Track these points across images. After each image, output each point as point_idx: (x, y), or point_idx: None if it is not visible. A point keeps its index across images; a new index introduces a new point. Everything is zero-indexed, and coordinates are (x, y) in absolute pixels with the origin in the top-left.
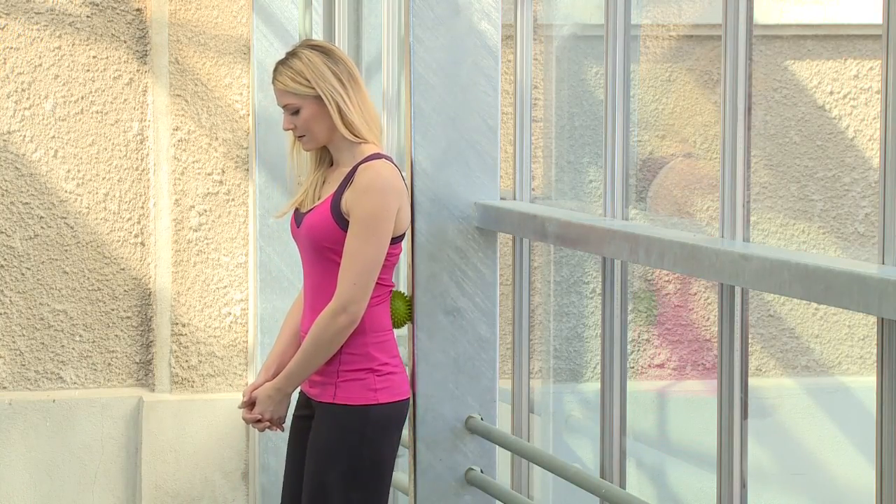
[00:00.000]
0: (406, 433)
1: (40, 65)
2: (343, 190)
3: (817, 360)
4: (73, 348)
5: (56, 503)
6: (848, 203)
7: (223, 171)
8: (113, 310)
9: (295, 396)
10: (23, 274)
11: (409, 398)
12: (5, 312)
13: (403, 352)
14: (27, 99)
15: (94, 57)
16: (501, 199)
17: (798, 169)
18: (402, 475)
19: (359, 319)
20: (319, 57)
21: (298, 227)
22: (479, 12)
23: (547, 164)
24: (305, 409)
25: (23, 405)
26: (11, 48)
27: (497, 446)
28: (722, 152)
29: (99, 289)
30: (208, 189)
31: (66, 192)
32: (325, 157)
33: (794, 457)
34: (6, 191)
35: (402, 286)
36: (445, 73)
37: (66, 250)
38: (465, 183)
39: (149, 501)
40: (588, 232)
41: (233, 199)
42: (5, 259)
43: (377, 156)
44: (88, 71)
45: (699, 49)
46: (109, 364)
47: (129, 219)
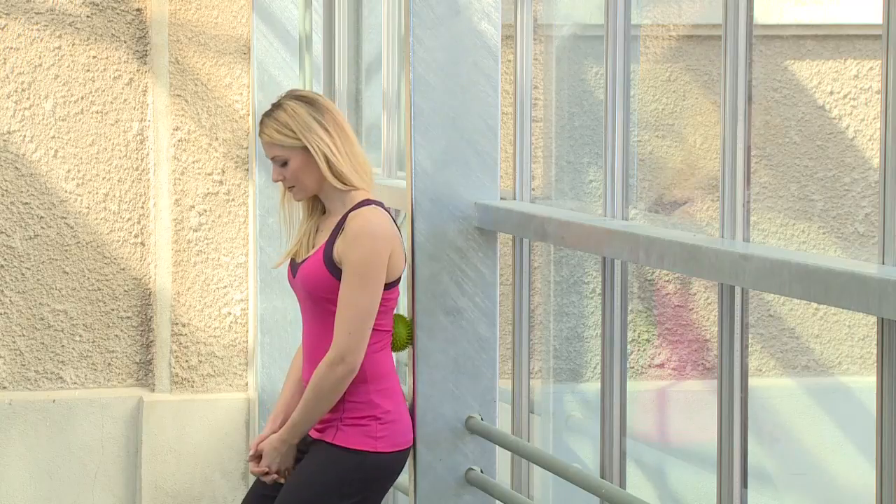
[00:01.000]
0: (406, 481)
1: (40, 65)
2: (334, 239)
3: (817, 360)
4: (73, 348)
5: (56, 503)
6: (848, 203)
7: (223, 171)
8: (113, 310)
9: None
10: (23, 274)
11: (410, 447)
12: (5, 312)
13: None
14: (27, 99)
15: (94, 57)
16: (501, 199)
17: (798, 169)
18: (402, 475)
19: (357, 368)
20: (304, 108)
21: (294, 277)
22: (479, 12)
23: (547, 164)
24: (301, 443)
25: (23, 405)
26: (11, 48)
27: (497, 446)
28: (722, 152)
29: (99, 289)
30: (208, 189)
31: (66, 192)
32: (318, 205)
33: (794, 457)
34: (6, 191)
35: (403, 286)
36: (445, 73)
37: (66, 250)
38: (465, 183)
39: (149, 501)
40: (588, 232)
41: (233, 199)
42: (5, 259)
43: (367, 202)
44: (88, 71)
45: (699, 49)
46: (109, 364)
47: (129, 219)
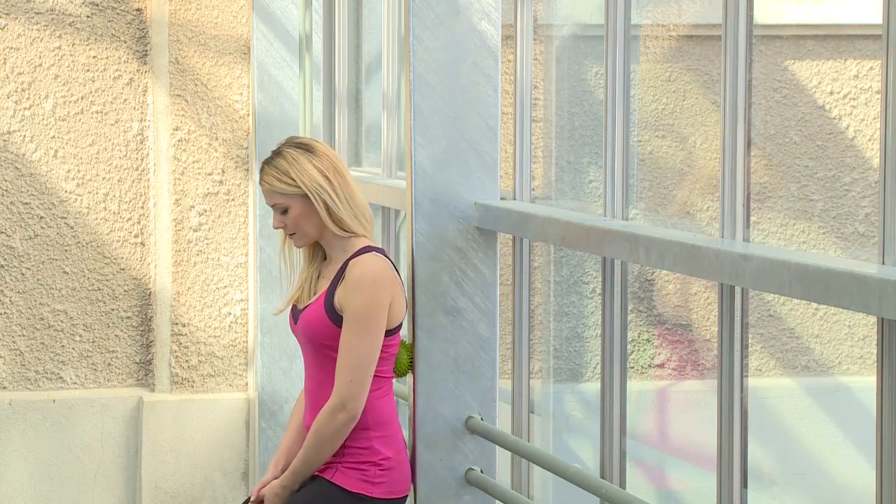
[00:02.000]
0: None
1: (40, 65)
2: (335, 286)
3: (817, 360)
4: (73, 348)
5: (56, 503)
6: (848, 203)
7: (223, 171)
8: (113, 310)
9: None
10: (23, 274)
11: (407, 495)
12: (5, 312)
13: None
14: (27, 99)
15: (94, 57)
16: (501, 199)
17: (798, 169)
18: None
19: (358, 415)
20: (303, 155)
21: (296, 323)
22: (479, 12)
23: (547, 164)
24: None
25: (23, 405)
26: (11, 48)
27: (497, 446)
28: (722, 152)
29: (99, 289)
30: (208, 189)
31: (66, 192)
32: (319, 252)
33: (794, 457)
34: (6, 191)
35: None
36: (445, 73)
37: (66, 250)
38: (465, 183)
39: (149, 501)
40: (588, 232)
41: (233, 199)
42: (5, 259)
43: (367, 249)
44: (88, 71)
45: (699, 49)
46: (109, 364)
47: (129, 219)
